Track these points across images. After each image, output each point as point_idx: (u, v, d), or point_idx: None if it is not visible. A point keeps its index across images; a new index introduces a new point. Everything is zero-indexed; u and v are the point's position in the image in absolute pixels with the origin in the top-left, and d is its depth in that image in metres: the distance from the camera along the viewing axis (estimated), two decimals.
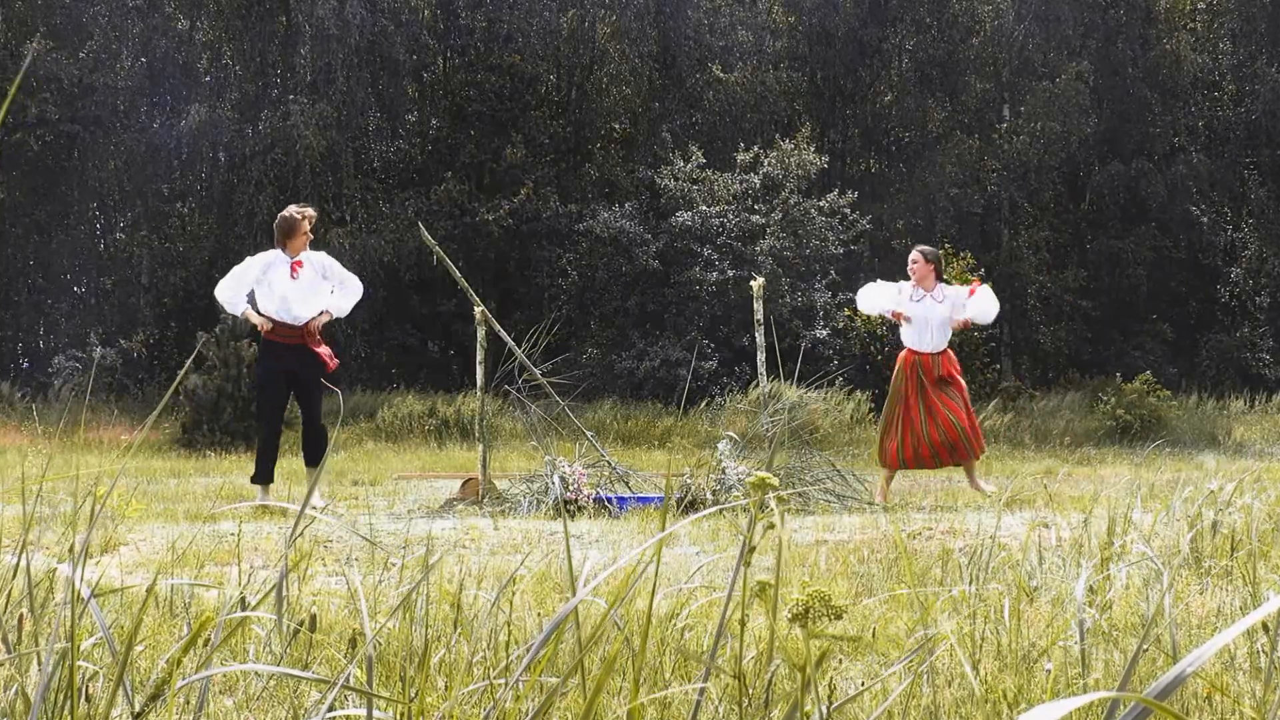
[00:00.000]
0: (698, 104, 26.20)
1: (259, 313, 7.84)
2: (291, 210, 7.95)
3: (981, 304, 8.56)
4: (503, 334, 8.53)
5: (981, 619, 2.82)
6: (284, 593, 2.71)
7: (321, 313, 7.85)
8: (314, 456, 7.97)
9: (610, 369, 21.84)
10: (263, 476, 7.91)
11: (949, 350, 8.52)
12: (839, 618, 1.29)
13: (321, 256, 8.00)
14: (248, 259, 8.03)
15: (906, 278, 8.57)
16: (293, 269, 7.81)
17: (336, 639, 2.68)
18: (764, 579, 1.37)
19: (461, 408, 18.28)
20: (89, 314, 24.49)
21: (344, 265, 8.45)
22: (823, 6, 26.00)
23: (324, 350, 7.96)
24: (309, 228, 7.88)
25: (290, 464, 10.26)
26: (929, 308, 8.44)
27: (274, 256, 7.87)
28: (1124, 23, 26.21)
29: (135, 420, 17.78)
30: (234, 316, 8.32)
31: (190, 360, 2.43)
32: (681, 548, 5.10)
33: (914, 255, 8.60)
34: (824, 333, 21.49)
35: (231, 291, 7.90)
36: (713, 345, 21.70)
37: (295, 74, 23.85)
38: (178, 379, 1.91)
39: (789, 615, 1.30)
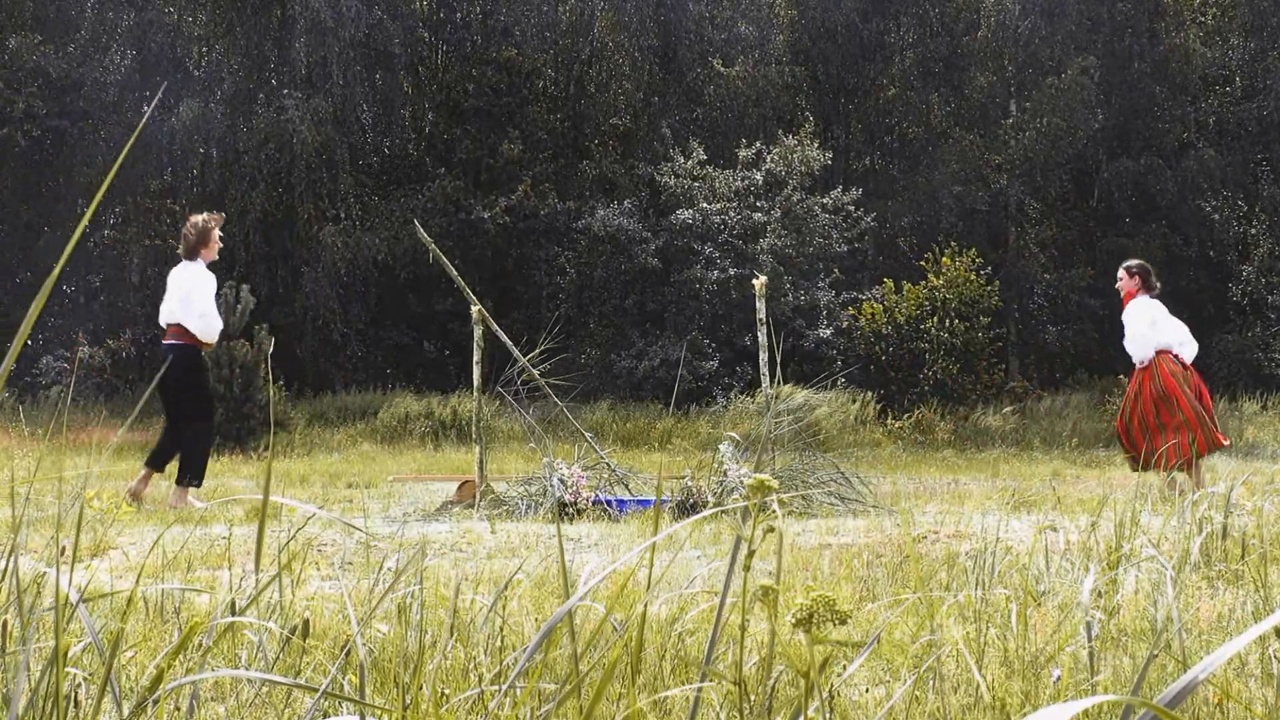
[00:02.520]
0: (698, 99, 26.21)
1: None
2: (206, 216, 8.07)
3: (1131, 349, 9.12)
4: (500, 334, 8.53)
5: (987, 624, 2.82)
6: (276, 596, 2.72)
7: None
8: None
9: (609, 369, 21.85)
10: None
11: (1150, 366, 9.11)
12: (844, 622, 1.28)
13: None
14: (210, 280, 8.01)
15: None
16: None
17: (330, 644, 2.68)
18: (766, 583, 1.36)
19: (458, 408, 18.29)
20: (77, 313, 24.50)
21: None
22: (824, 0, 26.02)
23: None
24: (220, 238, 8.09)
25: (289, 465, 10.24)
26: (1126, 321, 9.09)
27: (207, 269, 8.03)
28: (1131, 16, 26.21)
29: (125, 421, 17.78)
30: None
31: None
32: (682, 551, 5.09)
33: (1120, 271, 9.21)
34: (827, 332, 21.49)
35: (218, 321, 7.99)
36: (713, 345, 21.71)
37: (290, 68, 23.85)
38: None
39: (793, 620, 1.29)
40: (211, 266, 8.19)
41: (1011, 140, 25.43)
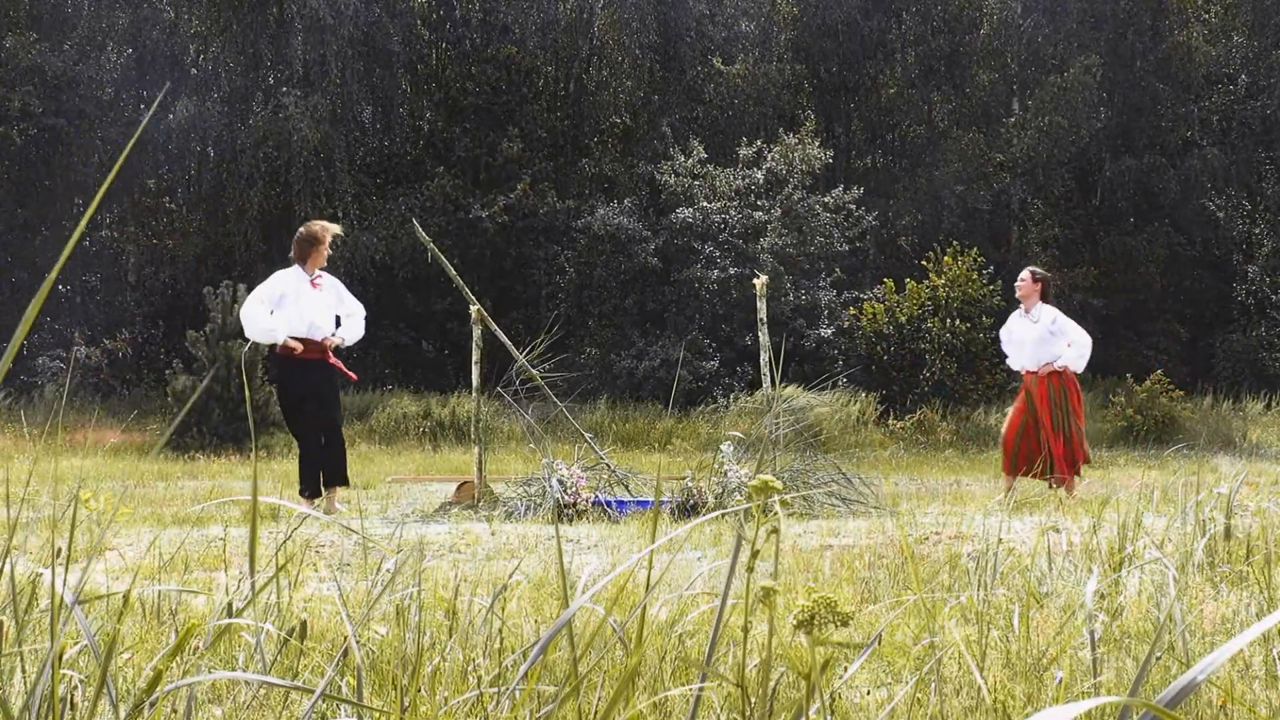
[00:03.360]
0: (699, 97, 26.20)
1: (292, 338, 7.93)
2: (315, 225, 8.13)
3: (1074, 356, 9.11)
4: (499, 333, 8.53)
5: (989, 626, 2.82)
6: (274, 598, 2.72)
7: (335, 334, 8.06)
8: (341, 474, 8.02)
9: (609, 369, 21.84)
10: (311, 491, 7.92)
11: (1060, 374, 9.06)
12: (845, 624, 1.28)
13: (333, 279, 8.21)
14: (271, 282, 8.03)
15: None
16: (313, 284, 7.98)
17: (328, 646, 2.68)
18: (766, 584, 1.36)
19: (457, 409, 18.28)
20: (74, 313, 24.49)
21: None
22: None
23: (339, 366, 8.15)
24: (329, 244, 8.06)
25: (286, 466, 10.22)
26: (1024, 328, 9.16)
27: (294, 274, 7.99)
28: (1134, 14, 26.21)
29: (121, 422, 17.78)
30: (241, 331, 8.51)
31: (204, 365, 2.43)
32: (683, 553, 5.09)
33: (1022, 275, 9.28)
34: (828, 332, 21.48)
35: (264, 320, 7.90)
36: (714, 345, 21.70)
37: (288, 66, 23.86)
38: (198, 389, 1.91)
39: (794, 622, 1.30)
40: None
41: (1014, 139, 25.42)
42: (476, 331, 8.24)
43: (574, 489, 7.39)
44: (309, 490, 7.91)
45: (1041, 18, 26.16)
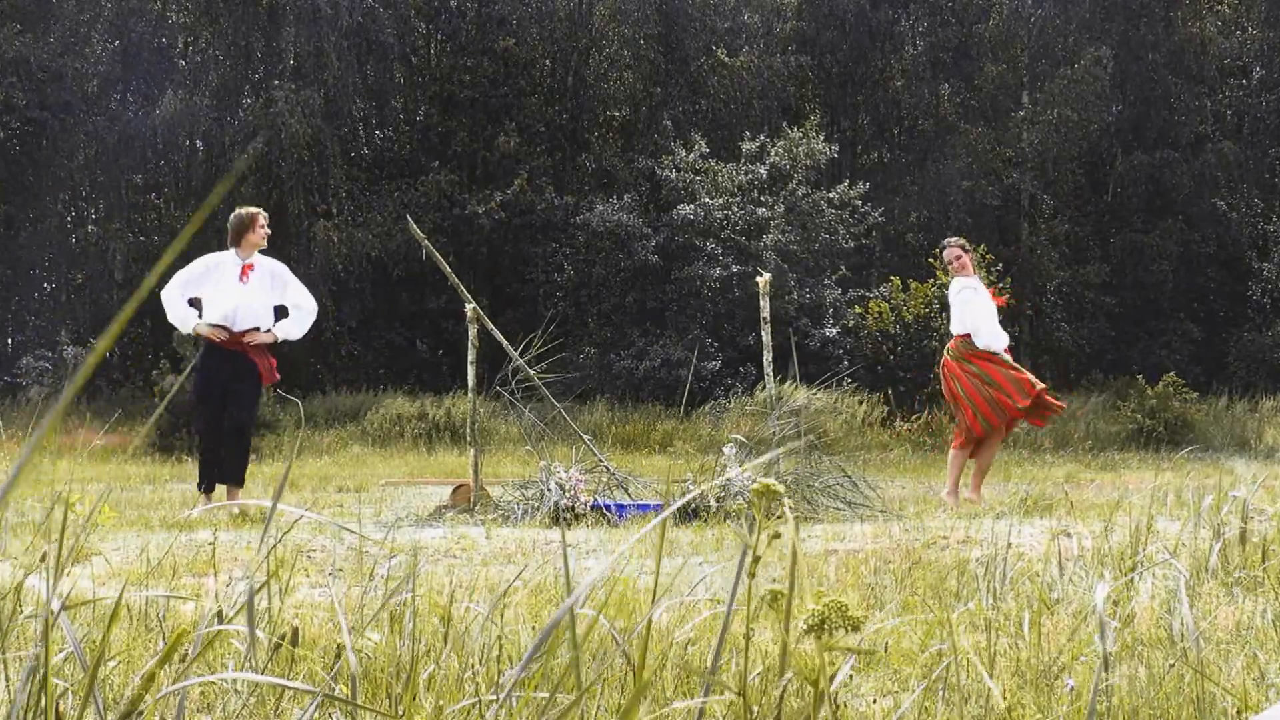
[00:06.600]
0: (701, 90, 26.20)
1: (209, 324, 7.57)
2: (244, 209, 7.89)
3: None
4: (495, 333, 8.53)
5: (999, 632, 2.82)
6: (264, 604, 2.71)
7: (266, 330, 7.64)
8: (236, 474, 7.69)
9: (608, 369, 21.84)
10: (207, 486, 7.67)
11: (960, 343, 8.81)
12: (856, 629, 1.28)
13: (275, 264, 7.81)
14: (193, 264, 7.73)
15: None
16: (243, 272, 7.64)
17: (321, 653, 2.68)
18: (775, 588, 1.36)
19: (452, 410, 18.28)
20: (59, 311, 24.48)
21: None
22: None
23: (263, 363, 7.68)
24: (263, 227, 7.78)
25: (276, 469, 10.21)
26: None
27: (221, 256, 7.72)
28: (1146, 5, 26.21)
29: (107, 423, 17.79)
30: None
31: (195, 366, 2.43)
32: (684, 557, 5.09)
33: (955, 251, 8.82)
34: (833, 331, 21.48)
35: (178, 306, 7.61)
36: (716, 344, 21.70)
37: (279, 59, 23.86)
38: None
39: (804, 626, 1.29)
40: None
41: (1023, 133, 25.42)
42: (472, 331, 8.24)
43: (572, 492, 7.39)
44: (205, 485, 7.61)
45: (1052, 8, 26.16)
